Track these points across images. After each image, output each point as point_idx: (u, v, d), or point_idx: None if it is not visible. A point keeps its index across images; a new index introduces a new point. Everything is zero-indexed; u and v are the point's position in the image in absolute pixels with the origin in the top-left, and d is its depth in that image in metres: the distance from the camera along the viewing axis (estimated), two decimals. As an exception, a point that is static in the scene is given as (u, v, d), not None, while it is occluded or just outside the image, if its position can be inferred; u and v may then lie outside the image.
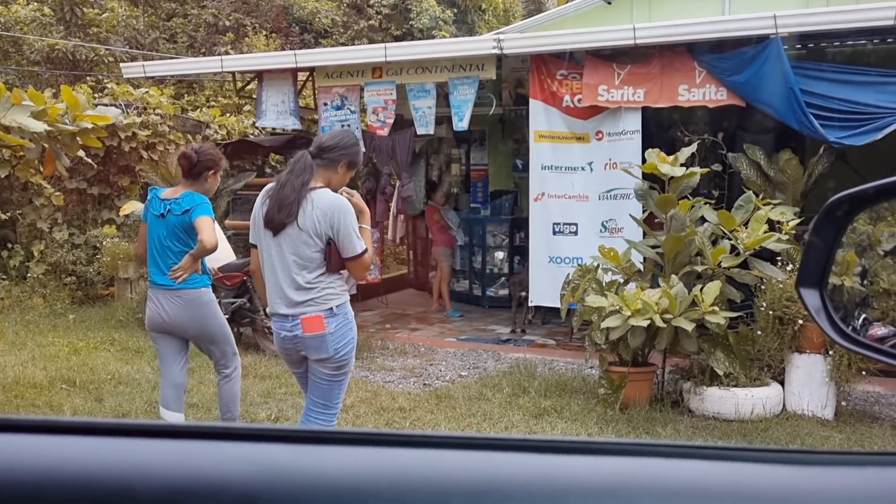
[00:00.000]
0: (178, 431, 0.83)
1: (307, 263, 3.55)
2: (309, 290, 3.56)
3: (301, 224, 3.50)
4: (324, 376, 3.70)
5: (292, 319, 3.59)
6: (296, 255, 3.55)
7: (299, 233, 3.51)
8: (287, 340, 3.66)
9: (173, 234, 4.41)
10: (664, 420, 5.59)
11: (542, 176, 7.69)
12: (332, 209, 3.50)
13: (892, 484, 0.77)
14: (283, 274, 3.58)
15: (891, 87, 6.32)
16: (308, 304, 3.57)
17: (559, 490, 0.76)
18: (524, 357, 7.41)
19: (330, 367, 3.67)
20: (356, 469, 0.77)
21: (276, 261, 3.59)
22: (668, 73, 7.07)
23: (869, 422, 5.70)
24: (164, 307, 4.45)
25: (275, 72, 8.84)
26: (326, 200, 3.52)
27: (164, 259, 4.43)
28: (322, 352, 3.61)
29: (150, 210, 4.49)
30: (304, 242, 3.52)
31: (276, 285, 3.61)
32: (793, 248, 5.90)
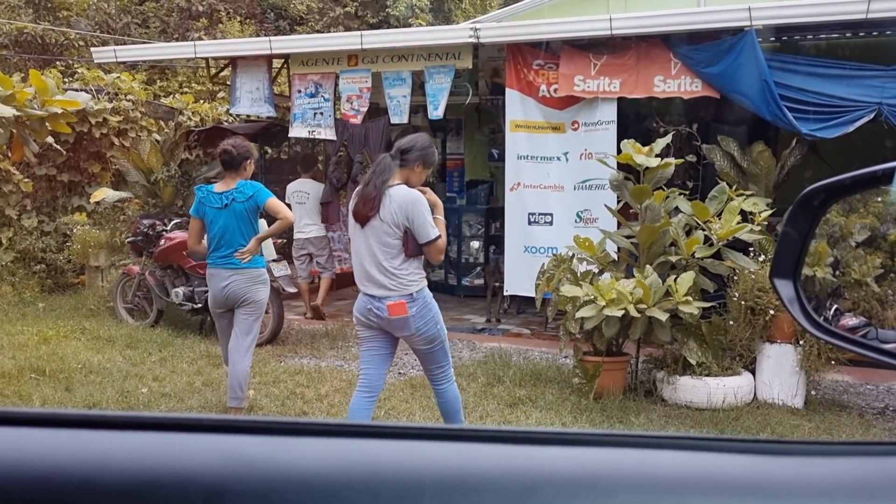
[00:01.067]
0: (144, 422, 0.81)
1: (389, 250, 4.07)
2: (393, 276, 4.07)
3: (382, 216, 4.04)
4: (422, 349, 4.28)
5: (379, 301, 4.10)
6: (379, 243, 4.07)
7: (381, 224, 4.05)
8: (372, 315, 4.15)
9: (241, 220, 5.04)
10: (637, 409, 5.64)
11: (518, 166, 7.70)
12: (407, 202, 4.04)
13: (860, 473, 0.78)
14: (371, 259, 4.10)
15: (863, 81, 6.39)
16: (392, 290, 4.07)
17: (534, 481, 0.75)
18: (499, 346, 7.43)
19: (419, 342, 4.23)
20: (328, 461, 0.76)
21: (364, 248, 4.13)
22: (644, 64, 7.09)
23: (838, 411, 5.79)
24: (229, 284, 5.08)
25: (249, 58, 8.74)
26: (401, 195, 4.05)
27: (229, 244, 5.04)
28: (405, 330, 4.16)
29: (208, 204, 5.07)
30: (386, 232, 4.05)
31: (363, 270, 4.14)
32: (765, 239, 5.96)
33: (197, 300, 7.61)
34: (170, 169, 9.34)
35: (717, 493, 0.75)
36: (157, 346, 7.27)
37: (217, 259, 5.12)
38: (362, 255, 4.13)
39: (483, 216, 9.99)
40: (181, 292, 7.70)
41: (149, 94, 11.65)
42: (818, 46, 7.14)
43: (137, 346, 7.22)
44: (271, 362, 6.91)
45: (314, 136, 8.71)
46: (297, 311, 9.07)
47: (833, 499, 0.75)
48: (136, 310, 8.31)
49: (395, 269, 4.07)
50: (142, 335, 7.59)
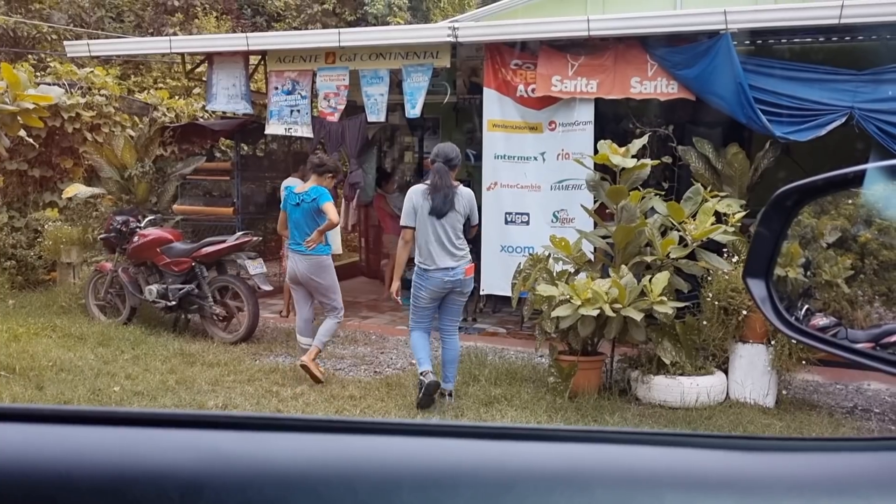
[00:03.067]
0: (120, 418, 0.80)
1: (459, 233, 5.56)
2: (462, 250, 5.59)
3: (457, 208, 5.49)
4: (460, 302, 5.76)
5: (454, 269, 5.52)
6: (453, 228, 5.51)
7: (455, 214, 5.49)
8: (450, 283, 5.54)
9: (307, 216, 6.14)
10: (612, 408, 5.67)
11: (495, 165, 7.71)
12: (470, 198, 5.64)
13: (829, 469, 0.79)
14: (447, 241, 5.50)
15: (835, 85, 6.48)
16: (465, 259, 5.59)
17: (509, 476, 0.75)
18: (475, 345, 7.44)
19: (465, 297, 5.79)
20: (305, 456, 0.76)
21: (441, 233, 5.49)
22: (621, 66, 7.13)
23: (808, 410, 5.87)
24: (298, 266, 6.22)
25: (226, 54, 8.68)
26: (466, 193, 5.60)
27: (300, 234, 6.18)
28: (469, 285, 5.70)
29: (289, 201, 6.27)
30: (458, 219, 5.54)
31: (444, 250, 5.50)
32: (738, 240, 6.02)
33: (171, 297, 7.55)
34: (144, 165, 9.25)
35: (692, 488, 0.76)
36: (129, 343, 7.19)
37: (293, 245, 6.30)
38: (441, 238, 5.50)
39: (460, 215, 9.97)
40: (155, 289, 7.63)
41: (123, 90, 11.52)
42: (792, 50, 7.23)
43: (110, 344, 7.14)
44: (246, 360, 6.86)
45: (291, 133, 8.66)
46: (273, 310, 9.01)
47: (803, 493, 0.76)
48: (108, 307, 8.21)
49: (463, 245, 5.62)
50: (114, 333, 7.50)
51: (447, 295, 5.62)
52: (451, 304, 5.70)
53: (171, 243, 7.73)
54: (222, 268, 7.73)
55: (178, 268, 7.59)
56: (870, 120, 6.29)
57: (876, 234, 1.68)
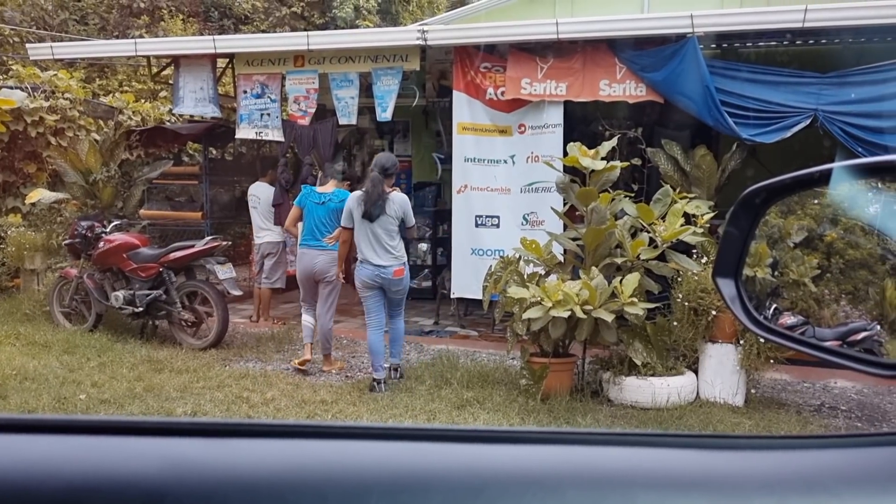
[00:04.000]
0: (82, 426, 0.78)
1: (391, 234, 6.04)
2: (394, 251, 6.06)
3: (388, 212, 5.98)
4: (400, 296, 6.29)
5: (385, 268, 6.05)
6: (385, 230, 6.00)
7: (387, 217, 5.99)
8: (378, 278, 6.08)
9: (331, 215, 6.67)
10: (584, 409, 5.69)
11: (465, 168, 7.72)
12: (403, 203, 6.10)
13: (799, 466, 0.79)
14: (377, 242, 6.03)
15: (800, 88, 6.58)
16: (396, 259, 6.07)
17: (481, 480, 0.74)
18: (446, 348, 7.43)
19: (402, 293, 6.28)
20: (273, 462, 0.74)
21: (372, 235, 6.02)
22: (590, 68, 7.18)
23: (776, 408, 5.94)
24: (314, 260, 6.69)
25: (192, 57, 8.59)
26: (398, 198, 6.09)
27: (320, 230, 6.69)
28: (400, 285, 6.18)
29: (310, 199, 6.75)
30: (389, 222, 6.01)
31: (373, 249, 6.03)
32: (707, 241, 6.08)
33: (138, 303, 7.44)
34: (109, 169, 9.12)
35: (664, 488, 0.76)
36: (95, 351, 7.08)
37: (311, 241, 6.71)
38: (371, 239, 6.03)
39: (431, 218, 9.99)
40: (121, 296, 7.52)
41: (87, 93, 11.36)
42: (758, 53, 7.33)
43: (75, 352, 7.02)
44: (216, 366, 6.79)
45: (261, 137, 8.60)
46: (243, 315, 8.93)
47: (774, 491, 0.76)
48: (73, 314, 8.08)
49: (395, 246, 6.08)
50: (79, 340, 7.38)
51: (385, 292, 6.22)
52: (392, 297, 6.30)
53: (137, 249, 7.62)
54: (191, 273, 7.64)
55: (145, 273, 7.49)
56: (833, 122, 6.40)
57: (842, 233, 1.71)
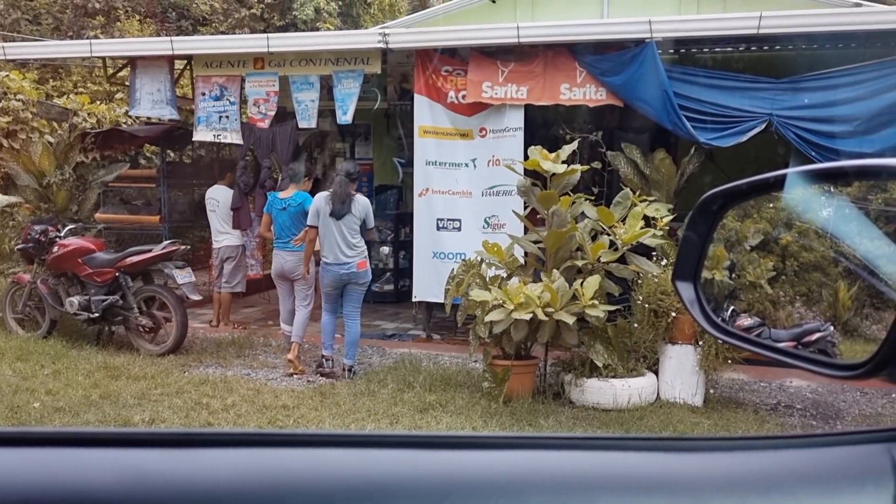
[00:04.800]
0: (37, 438, 0.76)
1: (354, 233, 6.50)
2: (357, 247, 6.54)
3: (353, 212, 6.46)
4: (359, 291, 6.71)
5: (349, 263, 6.52)
6: (349, 228, 6.48)
7: (352, 216, 6.47)
8: (343, 275, 6.55)
9: (293, 219, 7.02)
10: (546, 412, 5.72)
11: (427, 171, 7.71)
12: (365, 205, 6.61)
13: (757, 467, 0.80)
14: (342, 239, 6.47)
15: (755, 93, 6.70)
16: (359, 255, 6.55)
17: (443, 486, 0.74)
18: (409, 352, 7.42)
19: (362, 287, 6.72)
20: (233, 472, 0.73)
21: (337, 233, 6.47)
22: (551, 72, 7.23)
23: (734, 408, 6.04)
24: (285, 260, 7.09)
25: (150, 58, 8.46)
26: (362, 200, 6.63)
27: (287, 233, 7.07)
28: (364, 277, 6.66)
29: (274, 207, 7.13)
30: (354, 221, 6.49)
31: (338, 245, 6.48)
32: (667, 244, 6.16)
33: (94, 309, 7.30)
34: (63, 172, 8.92)
35: (625, 491, 0.76)
36: (50, 358, 6.92)
37: (279, 244, 7.12)
38: (336, 237, 6.47)
39: (392, 222, 9.97)
40: (76, 301, 7.37)
41: (41, 94, 11.11)
42: (715, 59, 7.45)
43: (29, 359, 6.85)
44: (174, 372, 6.69)
45: (220, 140, 8.49)
46: (202, 320, 8.82)
47: (733, 492, 0.77)
48: (26, 320, 7.89)
49: (358, 243, 6.56)
50: (33, 347, 7.21)
51: (347, 284, 6.63)
52: (352, 292, 6.68)
53: (93, 253, 7.48)
54: (148, 278, 7.52)
55: (100, 278, 7.35)
56: (788, 126, 6.53)
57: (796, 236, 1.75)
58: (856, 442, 0.84)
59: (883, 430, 0.85)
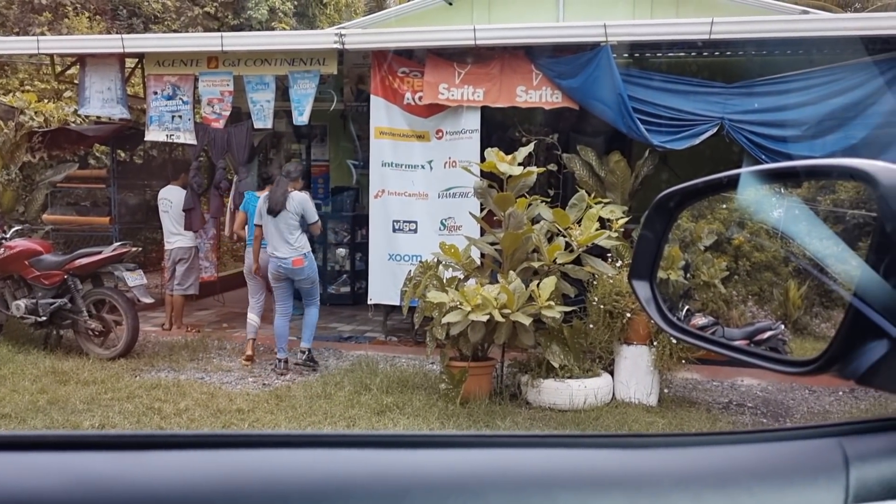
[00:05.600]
0: None
1: (292, 229, 6.73)
2: (293, 243, 6.74)
3: (288, 208, 6.71)
4: (307, 286, 6.98)
5: (285, 259, 6.74)
6: (286, 224, 6.72)
7: (287, 213, 6.70)
8: (282, 269, 6.80)
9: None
10: (503, 413, 5.74)
11: (383, 173, 7.69)
12: (301, 200, 6.82)
13: (712, 462, 0.81)
14: (279, 235, 6.73)
15: (707, 97, 6.82)
16: (295, 251, 6.74)
17: (403, 486, 0.73)
18: (366, 354, 7.38)
19: (307, 283, 6.96)
20: (184, 475, 0.71)
21: (275, 229, 6.73)
22: (507, 74, 7.26)
23: (688, 406, 6.13)
24: (261, 258, 7.10)
25: (100, 56, 8.28)
26: (298, 196, 6.82)
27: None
28: (301, 274, 6.84)
29: (251, 204, 7.20)
30: (290, 218, 6.72)
31: (276, 242, 6.74)
32: (622, 245, 6.23)
33: (41, 312, 7.11)
34: (10, 172, 8.71)
35: (584, 488, 0.76)
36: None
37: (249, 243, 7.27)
38: (274, 233, 6.74)
39: (349, 223, 9.91)
40: (23, 304, 7.18)
41: (-15, 92, 10.78)
42: (668, 64, 7.57)
43: (-27, 364, 6.65)
44: (125, 377, 6.55)
45: (172, 139, 8.35)
46: (154, 323, 8.66)
47: (689, 487, 0.77)
48: (-29, 324, 7.66)
49: (295, 240, 6.76)
50: (-22, 352, 7.00)
51: (294, 281, 6.94)
52: (301, 287, 7.01)
53: (40, 255, 7.29)
54: (98, 280, 7.36)
55: (48, 281, 7.17)
56: (738, 130, 6.66)
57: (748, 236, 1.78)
58: (808, 437, 0.86)
59: (834, 424, 0.87)
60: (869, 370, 0.84)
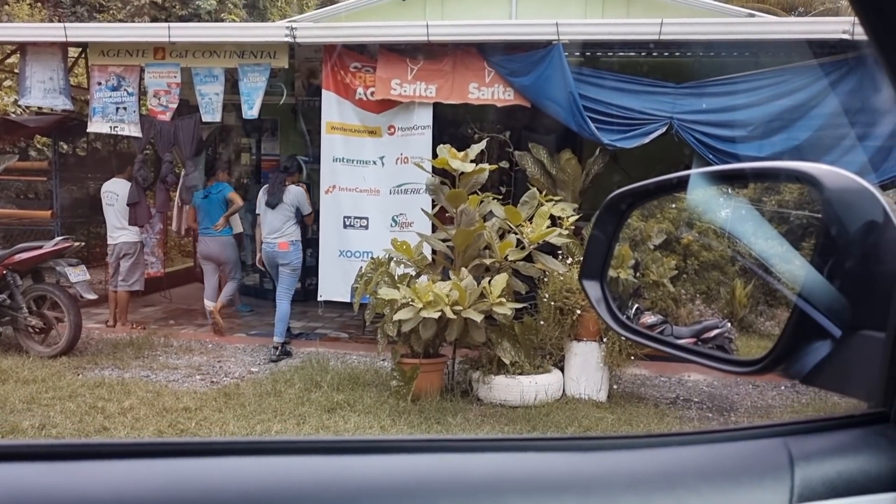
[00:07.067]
0: None
1: (286, 220, 7.39)
2: (284, 230, 7.38)
3: (285, 202, 7.37)
4: (287, 272, 7.49)
5: (273, 242, 7.39)
6: (282, 215, 7.37)
7: (284, 206, 7.37)
8: (270, 252, 7.43)
9: (215, 206, 7.93)
10: (455, 409, 5.74)
11: (334, 168, 7.62)
12: (297, 194, 7.46)
13: (662, 463, 0.81)
14: (275, 225, 7.38)
15: (657, 97, 6.91)
16: (283, 236, 7.38)
17: (351, 493, 0.72)
18: (316, 351, 7.32)
19: (288, 269, 7.47)
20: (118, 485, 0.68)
21: (272, 219, 7.39)
22: (460, 71, 7.26)
23: (636, 402, 6.22)
24: (208, 245, 8.02)
25: (41, 45, 8.04)
26: (294, 190, 7.45)
27: (210, 220, 7.96)
28: (285, 258, 7.41)
29: (198, 196, 8.03)
30: (286, 209, 7.39)
31: (270, 230, 7.40)
32: (572, 243, 6.28)
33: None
34: (-54, 164, 8.40)
35: (535, 492, 0.75)
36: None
37: (202, 230, 8.04)
38: (268, 223, 7.41)
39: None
40: (-41, 301, 6.94)
41: (-80, 80, 10.39)
42: (619, 63, 7.64)
43: None
44: (67, 375, 6.38)
45: (117, 132, 8.15)
46: (98, 319, 8.45)
47: (639, 489, 0.77)
48: None
49: (286, 228, 7.40)
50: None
51: (278, 266, 7.43)
52: (282, 274, 7.48)
53: (-23, 250, 7.05)
54: (39, 276, 7.15)
55: (-14, 276, 6.94)
56: (687, 130, 6.77)
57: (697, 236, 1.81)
58: (754, 437, 0.86)
59: (780, 424, 0.87)
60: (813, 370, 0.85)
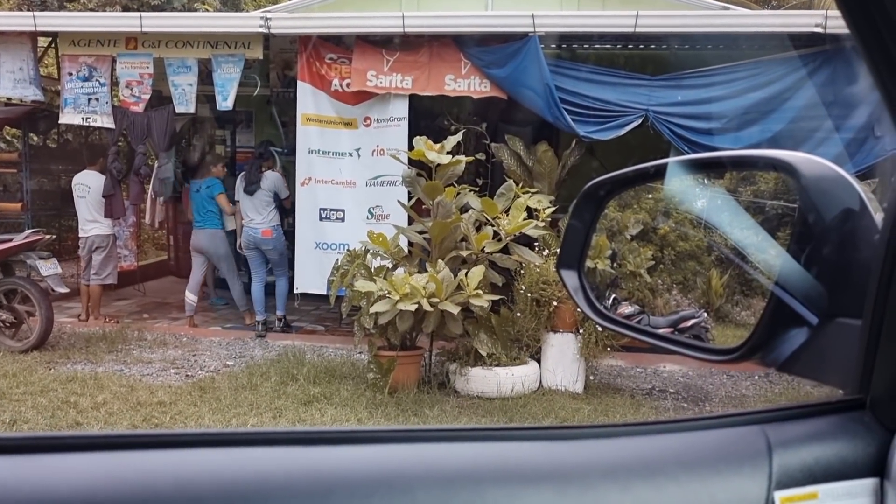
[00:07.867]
0: None
1: (265, 205, 7.64)
2: (265, 217, 7.63)
3: (263, 187, 7.63)
4: (275, 256, 7.85)
5: (255, 229, 7.63)
6: (261, 201, 7.63)
7: (262, 191, 7.62)
8: (251, 238, 7.68)
9: (206, 200, 8.02)
10: (431, 401, 5.74)
11: (310, 160, 7.57)
12: (274, 179, 7.75)
13: (640, 452, 0.81)
14: (254, 210, 7.64)
15: (632, 89, 6.94)
16: (265, 223, 7.63)
17: (326, 484, 0.71)
18: (292, 344, 7.29)
19: (275, 253, 7.82)
20: (90, 478, 0.67)
21: (251, 205, 7.64)
22: (436, 63, 7.24)
23: (613, 393, 6.26)
24: (198, 237, 8.09)
25: (10, 34, 7.90)
26: (271, 176, 7.75)
27: (200, 214, 8.05)
28: (268, 244, 7.72)
29: (192, 190, 8.23)
30: (264, 195, 7.64)
31: (251, 215, 7.64)
32: (549, 235, 6.30)
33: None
34: (-88, 155, 8.23)
35: (513, 481, 0.75)
36: None
37: (194, 223, 8.15)
38: (249, 208, 7.66)
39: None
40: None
41: None
42: (595, 55, 7.66)
43: None
44: (39, 370, 6.29)
45: (89, 123, 8.04)
46: (70, 313, 8.34)
47: (618, 478, 0.77)
48: None
49: (268, 214, 7.68)
50: None
51: (264, 252, 7.75)
52: (270, 257, 7.82)
53: (-55, 243, 6.93)
54: (9, 269, 7.04)
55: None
56: (663, 122, 6.81)
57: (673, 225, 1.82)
58: (733, 424, 0.86)
59: (757, 412, 0.87)
60: (790, 358, 0.86)
